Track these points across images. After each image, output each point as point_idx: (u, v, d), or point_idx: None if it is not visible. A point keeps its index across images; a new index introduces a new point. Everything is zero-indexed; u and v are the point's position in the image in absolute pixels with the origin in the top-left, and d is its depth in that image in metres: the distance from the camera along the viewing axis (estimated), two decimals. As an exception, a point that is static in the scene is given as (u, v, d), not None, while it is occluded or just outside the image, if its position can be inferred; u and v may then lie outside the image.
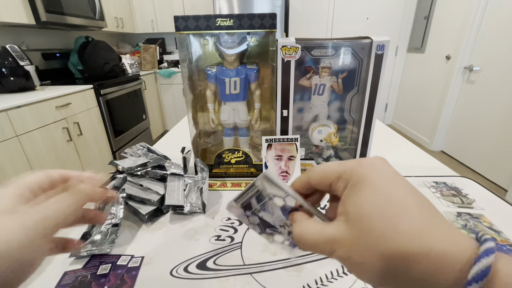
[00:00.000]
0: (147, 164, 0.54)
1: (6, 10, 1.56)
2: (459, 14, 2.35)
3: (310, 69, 0.55)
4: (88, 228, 0.44)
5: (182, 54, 0.56)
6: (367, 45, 0.52)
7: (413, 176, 0.62)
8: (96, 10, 2.30)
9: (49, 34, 2.25)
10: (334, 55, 0.53)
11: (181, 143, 0.63)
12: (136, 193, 0.49)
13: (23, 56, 1.65)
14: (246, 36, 0.53)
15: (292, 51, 0.51)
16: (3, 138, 1.30)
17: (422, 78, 2.94)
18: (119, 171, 0.53)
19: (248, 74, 0.56)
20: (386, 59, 0.51)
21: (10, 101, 1.37)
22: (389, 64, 3.32)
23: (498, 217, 0.47)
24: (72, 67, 2.24)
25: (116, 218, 0.43)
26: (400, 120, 3.44)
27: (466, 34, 2.26)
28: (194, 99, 0.61)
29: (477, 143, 2.23)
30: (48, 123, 1.57)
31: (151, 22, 3.17)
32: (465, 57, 2.31)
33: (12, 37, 1.90)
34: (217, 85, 0.57)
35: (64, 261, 0.39)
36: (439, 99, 2.62)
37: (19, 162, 1.39)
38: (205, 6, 3.04)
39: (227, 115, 0.60)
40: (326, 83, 0.56)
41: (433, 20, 2.75)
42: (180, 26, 0.50)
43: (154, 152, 0.61)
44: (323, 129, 0.60)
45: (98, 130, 2.03)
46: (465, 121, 2.38)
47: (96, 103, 2.00)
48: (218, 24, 0.50)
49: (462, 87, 2.41)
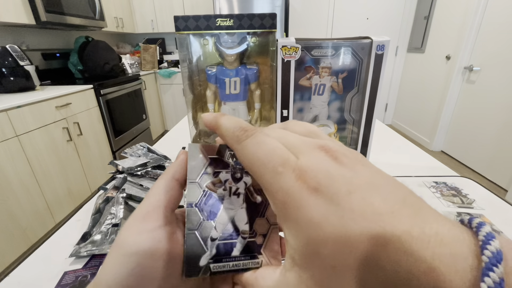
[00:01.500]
0: (147, 164, 0.54)
1: (6, 10, 1.56)
2: (459, 14, 2.35)
3: (310, 69, 0.55)
4: (88, 228, 0.44)
5: (182, 54, 0.56)
6: (367, 45, 0.52)
7: (413, 176, 0.62)
8: (96, 10, 2.30)
9: (49, 34, 2.25)
10: (334, 55, 0.53)
11: (181, 143, 0.63)
12: (136, 193, 0.49)
13: (23, 56, 1.65)
14: (246, 36, 0.53)
15: (292, 51, 0.51)
16: (3, 138, 1.30)
17: (422, 78, 2.94)
18: (119, 171, 0.53)
19: (248, 74, 0.56)
20: (386, 59, 0.51)
21: (10, 101, 1.36)
22: (389, 64, 3.32)
23: (498, 217, 0.47)
24: (72, 67, 2.24)
25: (116, 218, 0.43)
26: (400, 120, 3.44)
27: (466, 34, 2.26)
28: (194, 99, 0.61)
29: (477, 143, 2.23)
30: (48, 123, 1.57)
31: (151, 22, 3.17)
32: (465, 57, 2.31)
33: (12, 37, 1.90)
34: (217, 85, 0.58)
35: (64, 261, 0.39)
36: (439, 99, 2.62)
37: (19, 162, 1.39)
38: (205, 6, 3.04)
39: (227, 115, 0.60)
40: (326, 83, 0.56)
41: (433, 20, 2.75)
42: (180, 26, 0.50)
43: (154, 152, 0.61)
44: (323, 129, 0.60)
45: (98, 130, 2.03)
46: (465, 121, 2.38)
47: (96, 103, 2.00)
48: (218, 24, 0.50)
49: (462, 87, 2.41)
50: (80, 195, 1.84)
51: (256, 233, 0.17)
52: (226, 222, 0.17)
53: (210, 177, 0.18)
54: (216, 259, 0.17)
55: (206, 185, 0.17)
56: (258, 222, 0.17)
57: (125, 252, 0.15)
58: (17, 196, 1.37)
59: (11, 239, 1.35)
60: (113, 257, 0.15)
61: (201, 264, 0.16)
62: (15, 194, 1.37)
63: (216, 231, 0.17)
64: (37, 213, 1.50)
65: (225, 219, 0.17)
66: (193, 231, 0.17)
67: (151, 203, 0.17)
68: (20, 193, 1.39)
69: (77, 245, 0.41)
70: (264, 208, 0.18)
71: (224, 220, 0.17)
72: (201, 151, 0.18)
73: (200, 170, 0.18)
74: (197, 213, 0.17)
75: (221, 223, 0.17)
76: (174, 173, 0.18)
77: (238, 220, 0.17)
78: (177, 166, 0.18)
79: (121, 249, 0.15)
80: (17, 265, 0.39)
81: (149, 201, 0.17)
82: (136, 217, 0.16)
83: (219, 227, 0.17)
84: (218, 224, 0.17)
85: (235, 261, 0.17)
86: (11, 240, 1.35)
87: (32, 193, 1.46)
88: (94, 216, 0.45)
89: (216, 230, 0.17)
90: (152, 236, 0.15)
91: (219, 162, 0.18)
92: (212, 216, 0.17)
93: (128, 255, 0.15)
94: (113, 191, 0.46)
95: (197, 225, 0.17)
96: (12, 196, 1.35)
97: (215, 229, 0.17)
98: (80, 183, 1.84)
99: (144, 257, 0.15)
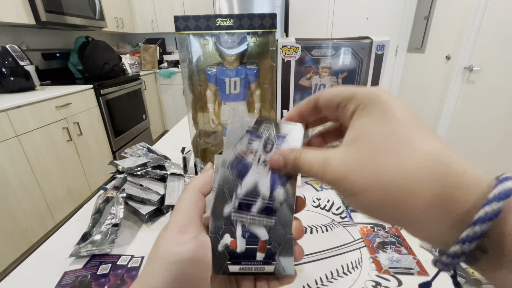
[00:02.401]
0: (147, 164, 0.54)
1: (6, 10, 1.56)
2: (459, 14, 2.35)
3: (310, 69, 0.55)
4: (88, 228, 0.44)
5: (182, 54, 0.56)
6: (367, 45, 0.52)
7: (413, 176, 0.62)
8: (96, 10, 2.30)
9: (49, 34, 2.25)
10: (334, 55, 0.53)
11: (181, 143, 0.63)
12: (136, 193, 0.49)
13: (23, 56, 1.65)
14: (246, 36, 0.53)
15: (292, 51, 0.51)
16: (3, 138, 1.30)
17: (422, 78, 2.93)
18: (119, 171, 0.53)
19: (248, 74, 0.56)
20: (386, 59, 0.51)
21: (10, 101, 1.36)
22: (389, 64, 3.32)
23: (498, 217, 0.47)
24: (72, 67, 2.24)
25: (116, 218, 0.43)
26: (400, 120, 3.43)
27: (466, 34, 2.26)
28: (194, 99, 0.61)
29: (477, 143, 2.23)
30: (48, 123, 1.56)
31: (151, 22, 3.17)
32: (465, 57, 2.31)
33: (12, 37, 1.90)
34: (217, 85, 0.58)
35: (64, 261, 0.39)
36: (439, 99, 2.62)
37: (19, 162, 1.39)
38: (205, 6, 3.04)
39: (227, 115, 0.60)
40: (326, 83, 0.56)
41: (433, 20, 2.75)
42: (180, 26, 0.50)
43: (154, 152, 0.61)
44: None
45: (98, 130, 2.03)
46: (465, 121, 2.38)
47: (96, 103, 2.00)
48: (218, 24, 0.50)
49: (462, 87, 2.41)
50: (80, 195, 1.84)
51: (274, 200, 0.20)
52: (251, 184, 0.20)
53: (244, 145, 0.20)
54: (235, 261, 0.19)
55: (240, 150, 0.20)
56: (278, 191, 0.20)
57: (168, 261, 0.17)
58: (17, 196, 1.37)
59: (11, 239, 1.35)
60: (157, 265, 0.17)
61: (224, 214, 0.19)
62: (15, 194, 1.37)
63: (241, 189, 0.20)
64: (37, 213, 1.50)
65: (250, 182, 0.20)
66: (221, 187, 0.20)
67: (185, 216, 0.19)
68: (20, 193, 1.39)
69: (77, 245, 0.41)
70: (286, 180, 0.20)
71: (250, 182, 0.20)
72: (240, 124, 0.21)
73: (237, 137, 0.21)
74: (228, 173, 0.20)
75: (247, 184, 0.20)
76: (200, 187, 0.20)
77: (261, 185, 0.20)
78: (204, 180, 0.21)
79: (164, 259, 0.17)
80: (17, 265, 0.39)
81: (183, 214, 0.19)
82: (173, 230, 0.18)
83: (244, 187, 0.20)
84: (244, 184, 0.20)
85: (254, 264, 0.19)
86: (11, 240, 1.35)
87: (32, 193, 1.46)
88: (94, 216, 0.45)
89: (241, 188, 0.20)
90: (190, 247, 0.17)
91: (253, 133, 0.21)
92: (240, 176, 0.20)
93: (171, 263, 0.17)
94: (113, 191, 0.46)
95: (225, 181, 0.20)
96: (12, 196, 1.35)
97: (240, 187, 0.20)
98: (80, 183, 1.84)
99: (185, 265, 0.17)
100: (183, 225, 0.18)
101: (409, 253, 0.40)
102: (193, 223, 0.18)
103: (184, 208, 0.19)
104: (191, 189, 0.20)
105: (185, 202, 0.19)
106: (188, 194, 0.20)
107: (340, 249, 0.41)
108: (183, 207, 0.19)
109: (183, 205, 0.19)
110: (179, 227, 0.18)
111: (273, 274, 0.19)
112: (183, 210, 0.19)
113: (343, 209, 0.51)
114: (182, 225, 0.18)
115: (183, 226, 0.18)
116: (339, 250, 0.41)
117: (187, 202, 0.19)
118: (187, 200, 0.19)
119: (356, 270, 0.37)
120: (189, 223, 0.18)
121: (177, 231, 0.18)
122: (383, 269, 0.37)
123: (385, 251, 0.40)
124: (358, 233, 0.44)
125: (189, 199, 0.19)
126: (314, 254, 0.40)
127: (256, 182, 0.20)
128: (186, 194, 0.20)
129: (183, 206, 0.19)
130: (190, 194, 0.20)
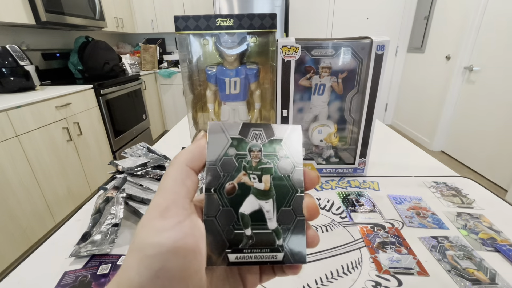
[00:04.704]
0: (147, 164, 0.54)
1: (6, 10, 1.56)
2: (459, 14, 2.35)
3: (310, 69, 0.55)
4: (88, 228, 0.44)
5: (182, 54, 0.56)
6: (367, 45, 0.52)
7: (413, 176, 0.62)
8: (96, 10, 2.30)
9: (49, 34, 2.25)
10: (334, 55, 0.53)
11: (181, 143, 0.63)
12: (136, 193, 0.49)
13: (23, 56, 1.65)
14: (246, 36, 0.53)
15: (292, 51, 0.51)
16: (3, 138, 1.30)
17: (422, 78, 2.94)
18: (119, 171, 0.53)
19: (248, 74, 0.56)
20: (386, 59, 0.51)
21: (10, 101, 1.36)
22: (389, 64, 3.32)
23: (498, 217, 0.47)
24: (72, 67, 2.24)
25: (116, 218, 0.43)
26: (400, 120, 3.43)
27: (466, 34, 2.26)
28: (194, 99, 0.61)
29: (477, 143, 2.23)
30: (48, 123, 1.56)
31: (151, 22, 3.17)
32: (465, 57, 2.31)
33: (12, 37, 1.90)
34: (217, 85, 0.58)
35: (64, 261, 0.39)
36: (439, 99, 2.62)
37: (19, 162, 1.39)
38: (205, 6, 3.04)
39: (227, 115, 0.60)
40: (326, 83, 0.56)
41: (433, 20, 2.75)
42: (180, 26, 0.50)
43: (154, 152, 0.61)
44: (323, 129, 0.60)
45: (98, 130, 2.03)
46: (465, 121, 2.38)
47: (96, 103, 2.00)
48: (218, 24, 0.50)
49: (462, 87, 2.41)
50: (80, 195, 1.84)
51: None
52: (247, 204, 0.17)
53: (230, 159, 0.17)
54: (236, 249, 0.16)
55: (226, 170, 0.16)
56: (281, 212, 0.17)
57: (146, 254, 0.13)
58: (17, 196, 1.37)
59: (11, 239, 1.35)
60: (133, 259, 0.14)
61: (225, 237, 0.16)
62: (15, 194, 1.37)
63: (235, 215, 0.16)
64: (37, 213, 1.50)
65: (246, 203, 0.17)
66: (211, 218, 0.16)
67: (167, 197, 0.15)
68: (20, 193, 1.39)
69: (77, 245, 0.41)
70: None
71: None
72: (222, 130, 0.17)
73: (220, 150, 0.16)
74: (217, 200, 0.16)
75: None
76: (189, 161, 0.16)
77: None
78: (194, 152, 0.17)
79: (141, 251, 0.14)
80: (17, 265, 0.39)
81: (165, 194, 0.15)
82: (153, 214, 0.14)
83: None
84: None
85: (255, 253, 0.16)
86: (11, 240, 1.35)
87: (32, 193, 1.46)
88: (94, 216, 0.45)
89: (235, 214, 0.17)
90: (173, 235, 0.14)
91: (240, 142, 0.17)
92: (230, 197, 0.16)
93: (150, 257, 0.13)
94: (113, 191, 0.46)
95: (216, 212, 0.16)
96: (12, 196, 1.35)
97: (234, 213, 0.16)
98: (80, 183, 1.84)
99: (168, 257, 0.13)
100: (165, 208, 0.14)
101: (409, 253, 0.40)
102: (179, 205, 0.15)
103: (168, 187, 0.15)
104: (178, 163, 0.16)
105: (169, 180, 0.15)
106: (173, 169, 0.16)
107: (340, 249, 0.41)
108: (166, 186, 0.15)
109: (167, 183, 0.15)
110: (160, 211, 0.14)
111: (281, 263, 0.16)
112: (166, 190, 0.15)
113: (343, 209, 0.51)
114: (164, 208, 0.14)
115: (165, 209, 0.14)
116: (339, 250, 0.41)
117: (172, 180, 0.15)
118: (172, 177, 0.15)
119: (356, 270, 0.37)
120: (173, 205, 0.15)
121: (158, 215, 0.14)
122: (383, 269, 0.37)
123: (385, 251, 0.40)
124: (358, 233, 0.44)
125: (174, 175, 0.15)
126: (314, 254, 0.40)
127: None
128: (171, 170, 0.16)
129: (167, 185, 0.15)
130: (175, 170, 0.16)
